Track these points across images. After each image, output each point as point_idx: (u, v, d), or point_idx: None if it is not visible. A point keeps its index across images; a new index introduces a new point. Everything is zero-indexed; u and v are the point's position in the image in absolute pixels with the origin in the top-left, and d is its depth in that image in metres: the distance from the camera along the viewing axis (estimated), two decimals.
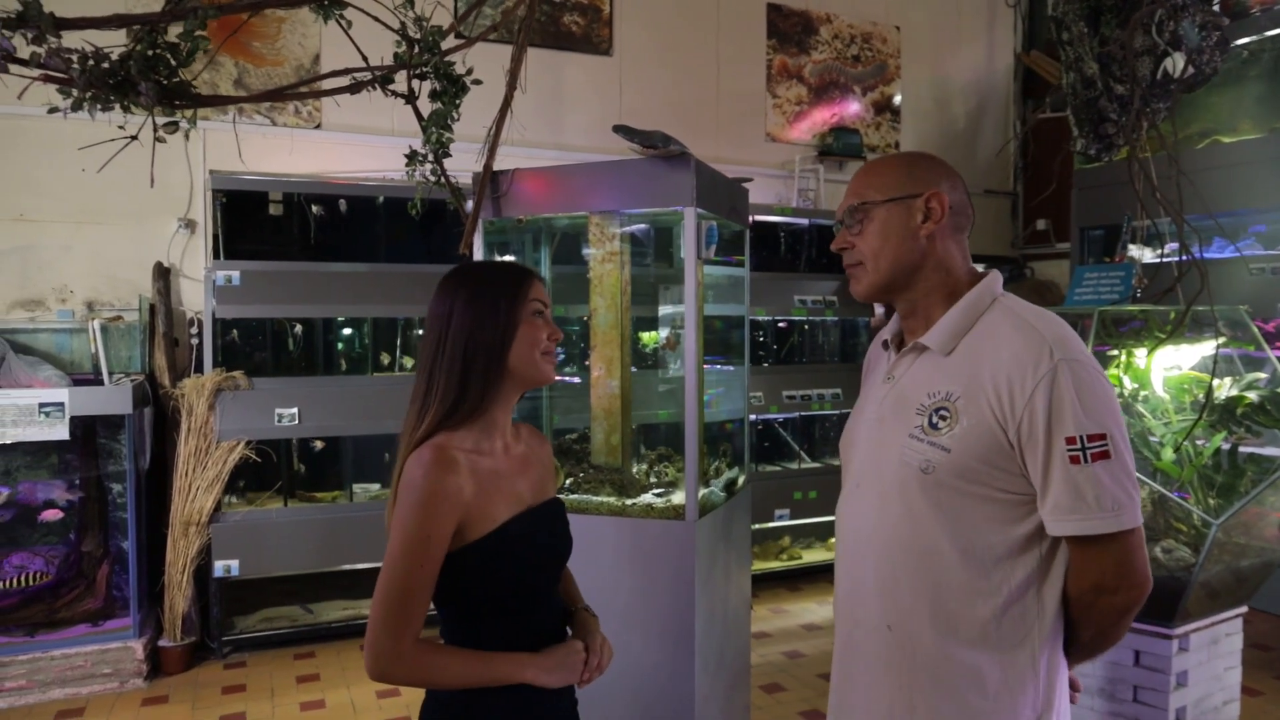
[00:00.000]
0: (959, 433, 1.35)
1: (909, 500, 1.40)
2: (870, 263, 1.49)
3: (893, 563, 1.43)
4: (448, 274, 1.63)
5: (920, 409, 1.42)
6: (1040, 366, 1.31)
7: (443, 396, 1.52)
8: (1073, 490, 1.29)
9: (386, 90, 2.34)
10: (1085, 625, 1.40)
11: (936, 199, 1.46)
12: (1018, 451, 1.33)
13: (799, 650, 4.54)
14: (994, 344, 1.38)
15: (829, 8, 6.66)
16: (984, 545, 1.36)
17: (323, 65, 5.21)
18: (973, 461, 1.34)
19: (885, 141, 6.94)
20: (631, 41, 6.02)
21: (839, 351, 6.13)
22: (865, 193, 1.49)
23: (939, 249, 1.47)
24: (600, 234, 2.69)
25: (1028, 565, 1.36)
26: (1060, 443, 1.29)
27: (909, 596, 1.41)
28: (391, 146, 5.24)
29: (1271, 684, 4.06)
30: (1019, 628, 1.36)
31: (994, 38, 7.29)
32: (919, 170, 1.49)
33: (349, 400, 4.57)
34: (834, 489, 5.43)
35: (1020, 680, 1.37)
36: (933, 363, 1.44)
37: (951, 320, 1.44)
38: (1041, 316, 1.40)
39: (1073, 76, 3.51)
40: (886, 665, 1.45)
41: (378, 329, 4.81)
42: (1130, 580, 1.33)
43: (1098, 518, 1.29)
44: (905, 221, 1.46)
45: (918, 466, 1.38)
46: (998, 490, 1.35)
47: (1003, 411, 1.32)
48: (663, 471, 2.80)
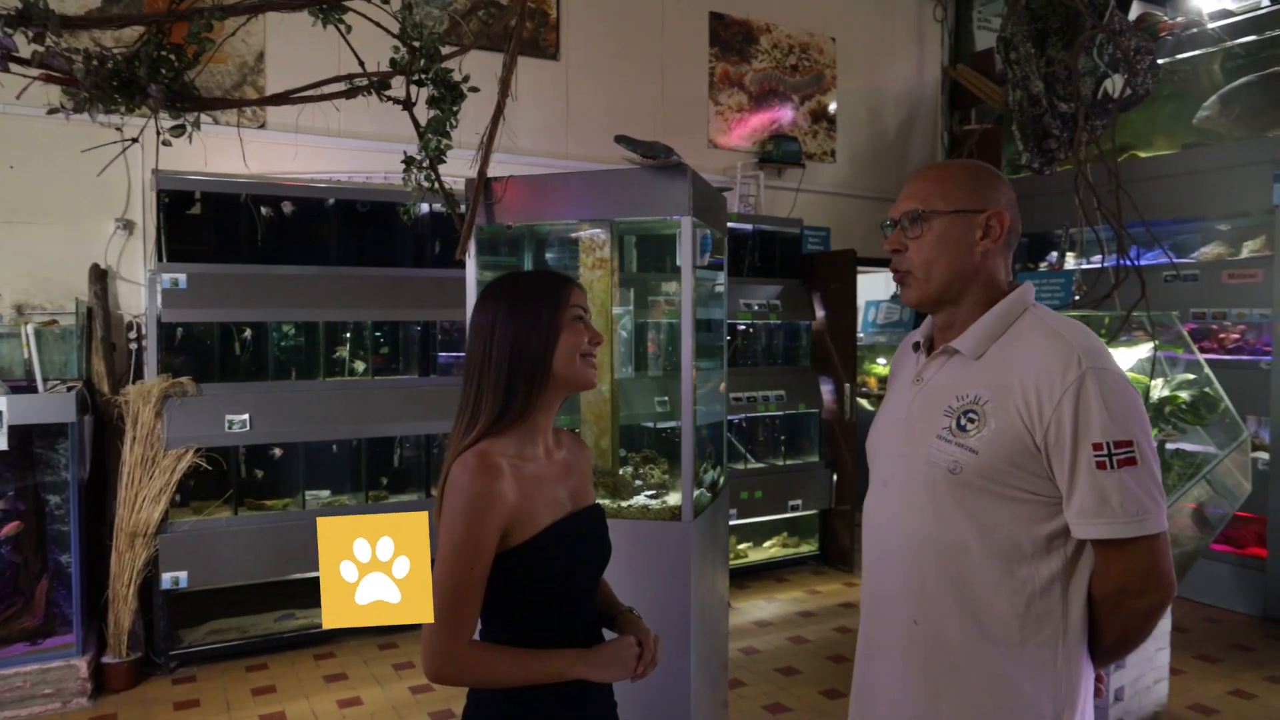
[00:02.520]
0: (987, 435, 1.39)
1: (936, 499, 1.44)
2: (920, 272, 1.51)
3: (919, 559, 1.47)
4: (488, 285, 1.65)
5: (949, 411, 1.45)
6: (1069, 374, 1.34)
7: (491, 405, 1.55)
8: (1098, 495, 1.33)
9: (382, 96, 2.32)
10: (1110, 627, 1.42)
11: (998, 218, 1.48)
12: (1044, 455, 1.36)
13: (754, 646, 4.65)
14: (1023, 351, 1.42)
15: (769, 18, 6.82)
16: (1010, 544, 1.39)
17: (268, 64, 5.09)
18: (1000, 463, 1.38)
19: (822, 149, 7.14)
20: (578, 46, 6.06)
21: (782, 354, 6.29)
22: (930, 199, 1.49)
23: (989, 265, 1.50)
24: (591, 241, 2.73)
25: (1053, 565, 1.39)
26: (1087, 448, 1.33)
27: (935, 592, 1.45)
28: (339, 147, 5.17)
29: (1192, 663, 4.35)
30: (1043, 625, 1.40)
31: (923, 51, 7.58)
32: (984, 184, 1.50)
33: (301, 406, 4.48)
34: (778, 489, 5.58)
35: (1041, 676, 1.40)
36: (962, 366, 1.48)
37: (984, 326, 1.47)
38: (1070, 326, 1.44)
39: (1019, 94, 3.71)
40: (911, 659, 1.49)
41: (331, 333, 4.73)
42: (1155, 583, 1.36)
43: (1122, 522, 1.32)
44: (964, 235, 1.48)
45: (946, 467, 1.42)
46: (1024, 491, 1.38)
47: (1031, 416, 1.36)
48: (648, 474, 2.85)
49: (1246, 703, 3.93)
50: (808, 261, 6.31)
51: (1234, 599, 5.10)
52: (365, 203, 4.86)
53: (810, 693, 4.07)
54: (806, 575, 5.97)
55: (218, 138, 4.71)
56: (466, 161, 2.81)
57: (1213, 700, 3.95)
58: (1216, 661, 4.40)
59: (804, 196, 6.93)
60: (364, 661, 4.39)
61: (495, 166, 2.75)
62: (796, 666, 4.37)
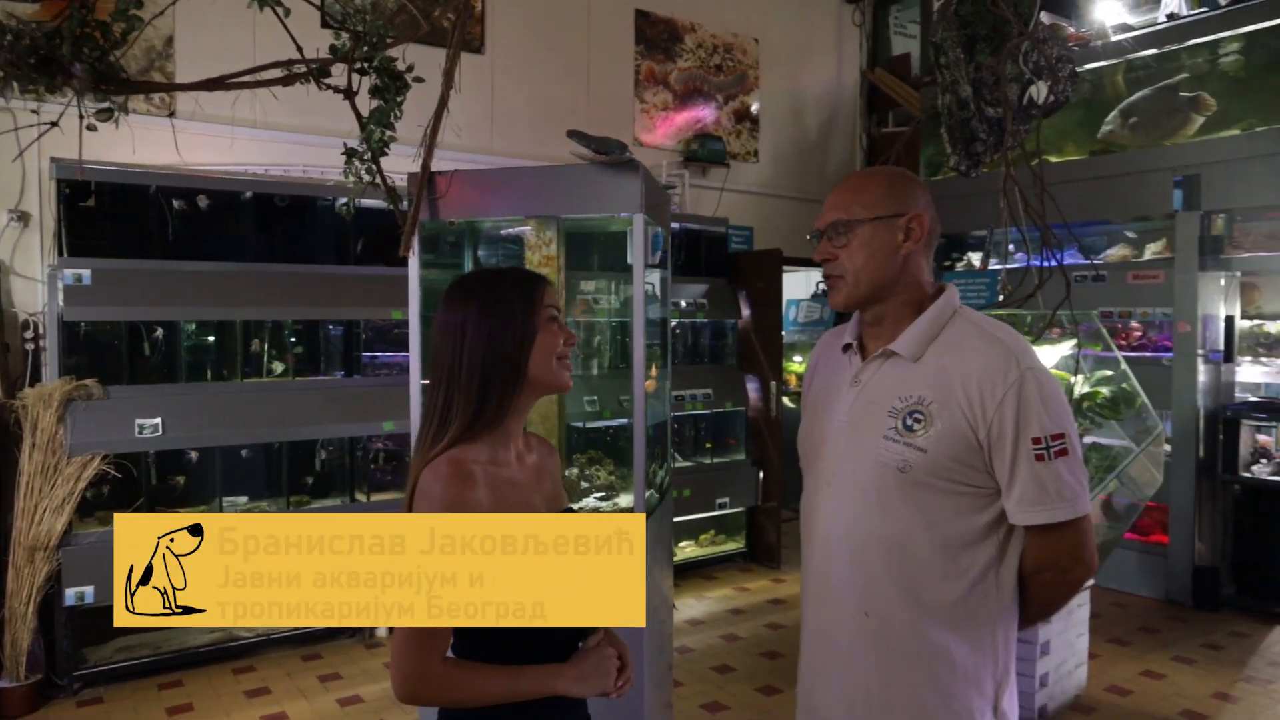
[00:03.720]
0: (933, 435, 1.47)
1: (885, 497, 1.51)
2: (850, 276, 1.58)
3: (867, 554, 1.53)
4: (456, 282, 1.58)
5: (893, 412, 1.52)
6: (1010, 375, 1.44)
7: (463, 410, 1.48)
8: (1038, 485, 1.43)
9: (321, 84, 2.21)
10: (1037, 601, 1.56)
11: (917, 220, 1.55)
12: (985, 451, 1.46)
13: (687, 645, 4.65)
14: (962, 353, 1.50)
15: (694, 17, 6.84)
16: (953, 534, 1.49)
17: (177, 49, 4.83)
18: (947, 460, 1.46)
19: (745, 149, 7.20)
20: (503, 40, 5.95)
21: (709, 353, 6.31)
22: (851, 209, 1.57)
23: (913, 265, 1.58)
24: (538, 239, 2.67)
25: (989, 550, 1.50)
26: (1026, 443, 1.43)
27: (884, 585, 1.52)
28: (253, 139, 4.96)
29: (1105, 646, 4.55)
30: (982, 607, 1.50)
31: (842, 54, 7.72)
32: (902, 190, 1.58)
33: (218, 408, 4.27)
34: (706, 487, 5.59)
35: (983, 654, 1.51)
36: (902, 368, 1.54)
37: (920, 329, 1.54)
38: (1003, 329, 1.54)
39: (948, 98, 3.79)
40: (863, 650, 1.55)
41: (249, 332, 4.52)
42: (1082, 559, 1.50)
43: (1059, 507, 1.44)
44: (887, 239, 1.55)
45: (895, 466, 1.49)
46: (965, 485, 1.48)
47: (974, 415, 1.45)
48: (594, 475, 2.81)
49: (1157, 682, 4.12)
50: (733, 260, 6.35)
51: (1139, 583, 5.35)
52: (284, 197, 4.66)
53: (747, 690, 4.09)
54: (734, 573, 6.01)
55: (120, 125, 4.46)
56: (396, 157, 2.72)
57: (1127, 681, 4.13)
58: (1127, 644, 4.60)
59: (728, 196, 6.97)
60: (287, 674, 4.21)
61: (413, 162, 2.65)
62: (731, 664, 4.39)
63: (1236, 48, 5.25)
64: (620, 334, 4.53)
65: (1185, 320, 5.05)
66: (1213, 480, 5.15)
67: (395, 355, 4.92)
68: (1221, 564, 5.18)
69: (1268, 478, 5.01)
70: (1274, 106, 4.99)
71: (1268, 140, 4.87)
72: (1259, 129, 4.97)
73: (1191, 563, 5.12)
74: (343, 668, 4.28)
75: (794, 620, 5.02)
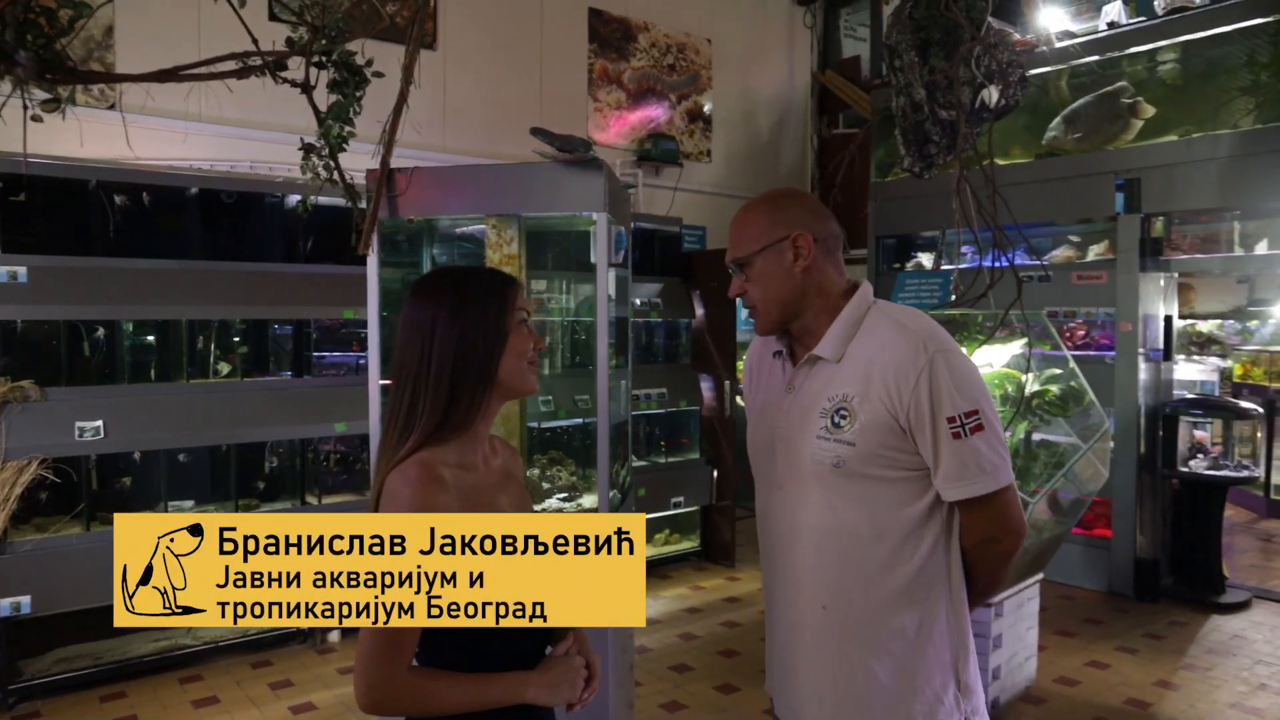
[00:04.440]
0: (859, 428, 1.54)
1: (827, 494, 1.58)
2: (761, 306, 1.65)
3: (820, 550, 1.61)
4: (425, 280, 1.55)
5: (823, 412, 1.59)
6: (919, 360, 1.51)
7: (430, 411, 1.45)
8: (958, 461, 1.51)
9: (277, 78, 2.15)
10: (979, 573, 1.64)
11: (802, 239, 1.61)
12: (909, 434, 1.53)
13: (645, 645, 4.65)
14: (877, 345, 1.57)
15: (647, 17, 6.84)
16: (895, 521, 1.56)
17: (117, 39, 4.68)
18: (875, 449, 1.54)
19: (698, 149, 7.22)
20: (456, 37, 5.88)
21: (663, 352, 6.31)
22: (741, 245, 1.65)
23: (815, 277, 1.63)
24: (499, 237, 2.64)
25: (933, 531, 1.57)
26: (943, 422, 1.50)
27: (838, 577, 1.59)
28: (199, 133, 4.84)
29: (1053, 638, 4.66)
30: (931, 585, 1.57)
31: (794, 56, 7.79)
32: (781, 214, 1.64)
33: (162, 411, 4.14)
34: (661, 486, 5.59)
35: (939, 630, 1.58)
36: (828, 370, 1.62)
37: (837, 331, 1.61)
38: (912, 316, 1.62)
39: (902, 100, 3.84)
40: (825, 640, 1.62)
41: (195, 332, 4.40)
42: (1009, 528, 1.57)
43: (979, 481, 1.51)
44: (779, 264, 1.62)
45: (830, 463, 1.56)
46: (900, 469, 1.55)
47: (893, 403, 1.52)
48: (555, 476, 2.78)
49: (1102, 672, 4.23)
50: (687, 260, 6.36)
51: (1082, 576, 5.49)
52: (232, 193, 4.54)
53: (705, 689, 4.10)
54: (689, 571, 6.02)
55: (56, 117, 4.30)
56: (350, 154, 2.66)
57: (1074, 672, 4.23)
58: (1073, 636, 4.72)
59: (681, 195, 6.99)
60: (236, 683, 4.11)
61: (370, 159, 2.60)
62: (689, 663, 4.40)
63: (1174, 57, 5.41)
64: (575, 333, 4.51)
65: (1127, 320, 5.20)
66: (1153, 475, 5.31)
67: (347, 355, 4.83)
68: (1161, 556, 5.34)
69: (1203, 472, 5.17)
70: (1208, 114, 5.16)
71: (1203, 146, 5.03)
72: (1195, 135, 5.13)
73: (1133, 555, 5.27)
74: (294, 674, 4.19)
75: (750, 618, 5.05)
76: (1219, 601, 5.06)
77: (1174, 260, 5.45)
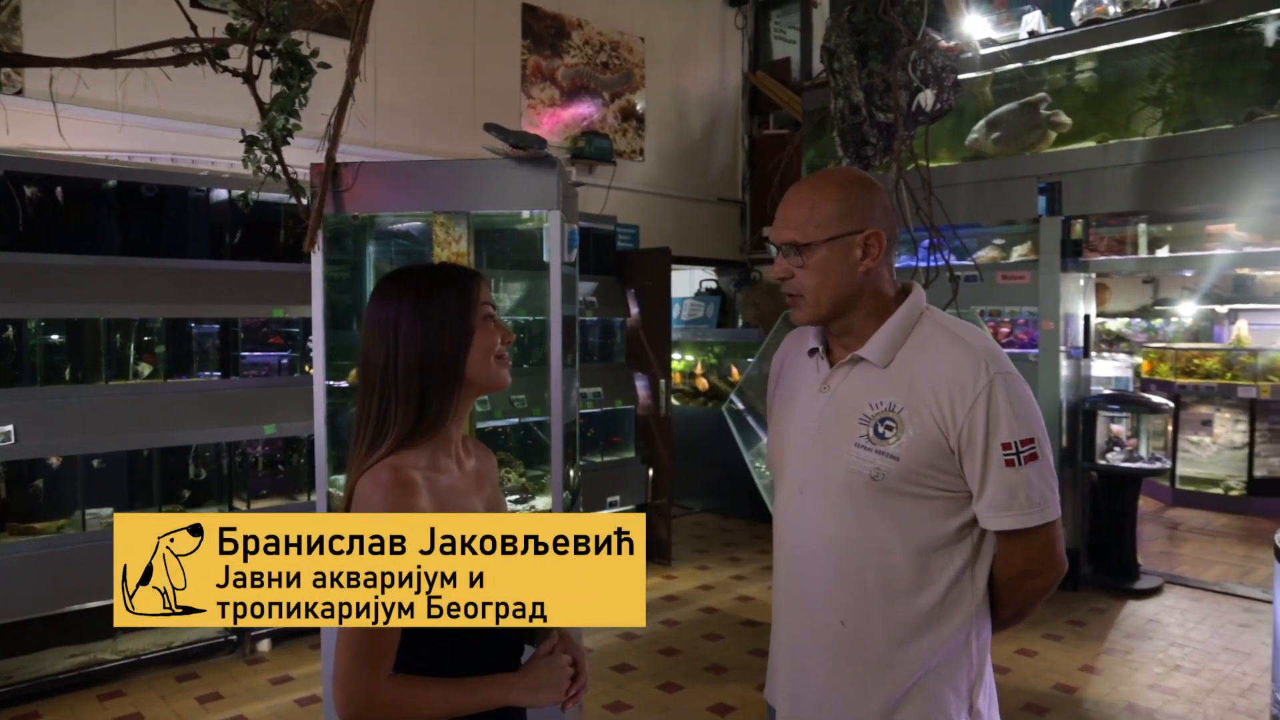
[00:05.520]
0: (905, 442, 1.46)
1: (858, 505, 1.49)
2: (810, 296, 1.53)
3: (844, 563, 1.52)
4: (387, 279, 1.50)
5: (864, 419, 1.50)
6: (979, 381, 1.44)
7: (401, 416, 1.41)
8: (1008, 490, 1.43)
9: (217, 66, 2.06)
10: (1008, 604, 1.54)
11: (875, 238, 1.50)
12: (957, 456, 1.45)
13: (586, 646, 4.62)
14: (931, 358, 1.49)
15: (581, 14, 6.80)
16: (927, 540, 1.48)
17: (24, 21, 4.44)
18: (920, 467, 1.46)
19: (631, 148, 7.22)
20: (387, 30, 5.74)
21: (598, 351, 6.29)
22: (805, 229, 1.51)
23: (874, 278, 1.53)
24: (447, 235, 2.58)
25: (963, 553, 1.50)
26: (997, 448, 1.43)
27: (861, 593, 1.50)
28: (117, 123, 4.62)
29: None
30: (956, 609, 1.49)
31: (725, 57, 7.85)
32: (857, 204, 1.52)
33: (79, 413, 3.93)
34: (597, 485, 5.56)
35: (957, 655, 1.50)
36: (871, 374, 1.53)
37: (887, 335, 1.52)
38: (971, 332, 1.53)
39: (841, 102, 3.90)
40: (840, 657, 1.53)
41: (115, 331, 4.19)
42: (1051, 563, 1.50)
43: (1028, 513, 1.44)
44: (845, 258, 1.50)
45: (868, 474, 1.47)
46: (938, 490, 1.47)
47: (944, 421, 1.45)
48: (504, 477, 2.74)
49: (1030, 659, 4.38)
50: (622, 258, 6.35)
51: None
52: (152, 186, 4.34)
53: (648, 688, 4.09)
54: None
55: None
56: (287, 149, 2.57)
57: (1004, 660, 4.37)
58: None
59: (615, 194, 6.97)
60: (161, 698, 3.94)
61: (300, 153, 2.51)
62: (630, 663, 4.39)
63: (1091, 66, 5.64)
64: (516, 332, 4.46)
65: (1049, 318, 5.39)
66: (1074, 468, 5.52)
67: (276, 355, 4.68)
68: (1081, 545, 5.55)
69: (1120, 464, 5.40)
70: (1122, 121, 5.39)
71: (1118, 152, 5.25)
72: (1112, 142, 5.35)
73: None
74: (223, 686, 4.04)
75: (688, 616, 5.07)
76: (1134, 588, 5.29)
77: (1092, 261, 5.67)
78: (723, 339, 7.72)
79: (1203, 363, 7.25)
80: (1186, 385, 7.18)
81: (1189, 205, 5.20)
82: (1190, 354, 7.35)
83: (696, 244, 7.59)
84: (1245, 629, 4.74)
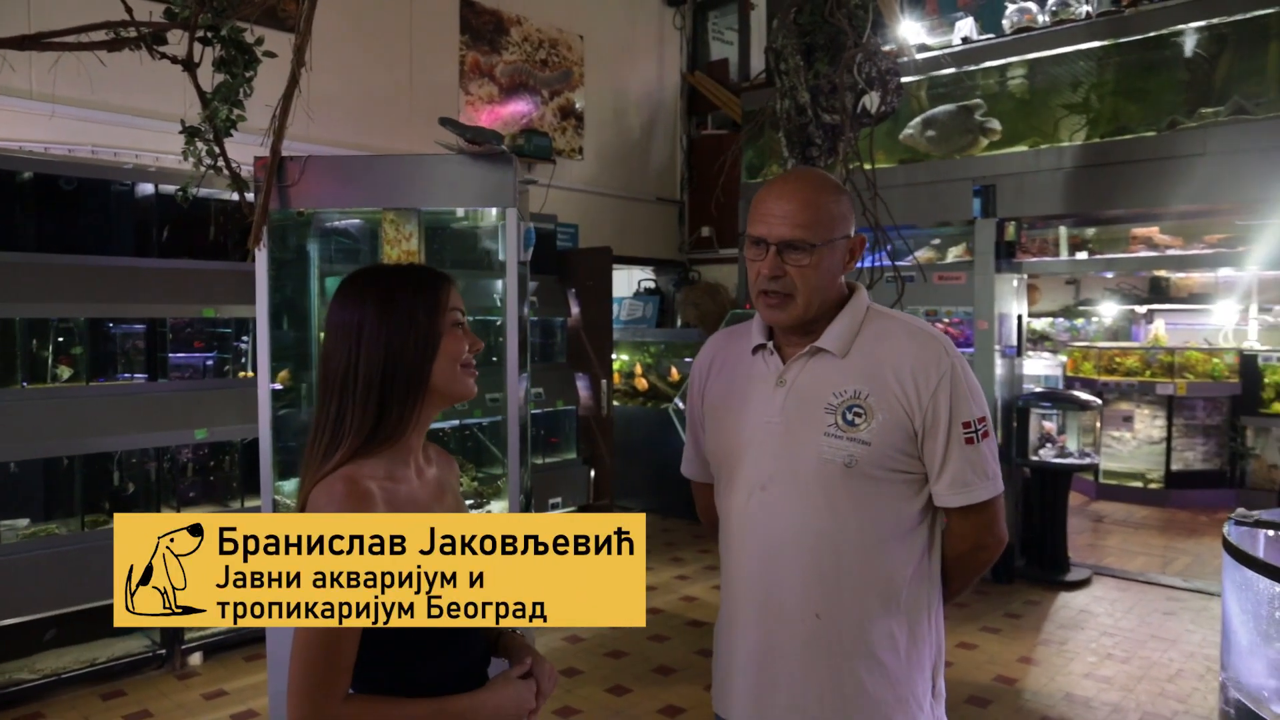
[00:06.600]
0: (875, 427, 1.50)
1: (831, 495, 1.51)
2: (803, 296, 1.53)
3: (818, 555, 1.52)
4: (351, 279, 1.43)
5: (829, 408, 1.52)
6: (942, 365, 1.51)
7: (359, 424, 1.34)
8: (966, 466, 1.51)
9: (155, 52, 1.95)
10: (958, 580, 1.64)
11: (860, 243, 1.59)
12: (919, 438, 1.51)
13: None
14: (891, 347, 1.54)
15: (520, 10, 6.71)
16: (894, 524, 1.53)
17: None
18: (889, 450, 1.50)
19: (570, 146, 7.15)
20: (321, 22, 5.54)
21: (539, 351, 6.22)
22: (812, 228, 1.51)
23: (840, 278, 1.60)
24: (398, 232, 2.49)
25: (923, 535, 1.56)
26: (959, 428, 1.50)
27: (836, 583, 1.52)
28: (29, 112, 4.38)
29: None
30: (919, 591, 1.55)
31: (664, 56, 7.85)
32: (849, 208, 1.58)
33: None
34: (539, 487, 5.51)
35: (922, 636, 1.56)
36: (830, 364, 1.55)
37: (844, 326, 1.56)
38: (923, 322, 1.62)
39: (787, 104, 3.92)
40: (815, 650, 1.53)
41: (32, 332, 3.97)
42: (1000, 535, 1.59)
43: (981, 487, 1.52)
44: (836, 260, 1.56)
45: (841, 462, 1.50)
46: (903, 473, 1.52)
47: (909, 405, 1.50)
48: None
49: (971, 652, 4.47)
50: (562, 258, 6.29)
51: None
52: (71, 179, 4.12)
53: (597, 692, 4.05)
54: None
55: None
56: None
57: (946, 654, 4.44)
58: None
59: (554, 193, 6.89)
60: (84, 718, 3.74)
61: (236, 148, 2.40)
62: (578, 667, 4.35)
63: (1022, 73, 5.79)
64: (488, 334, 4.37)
65: (984, 318, 5.52)
66: (1008, 464, 5.66)
67: (206, 356, 4.49)
68: (1014, 540, 5.70)
69: (1051, 460, 5.56)
70: (1052, 128, 5.54)
71: (1049, 157, 5.41)
72: (1042, 146, 5.50)
73: None
74: (152, 703, 3.86)
75: None
76: (1065, 580, 5.45)
77: (1025, 262, 5.83)
78: (661, 339, 7.72)
79: (1124, 361, 7.52)
80: (1109, 383, 7.44)
81: (1115, 209, 5.38)
82: (1112, 353, 7.62)
83: (635, 243, 7.57)
84: (1169, 617, 4.93)
